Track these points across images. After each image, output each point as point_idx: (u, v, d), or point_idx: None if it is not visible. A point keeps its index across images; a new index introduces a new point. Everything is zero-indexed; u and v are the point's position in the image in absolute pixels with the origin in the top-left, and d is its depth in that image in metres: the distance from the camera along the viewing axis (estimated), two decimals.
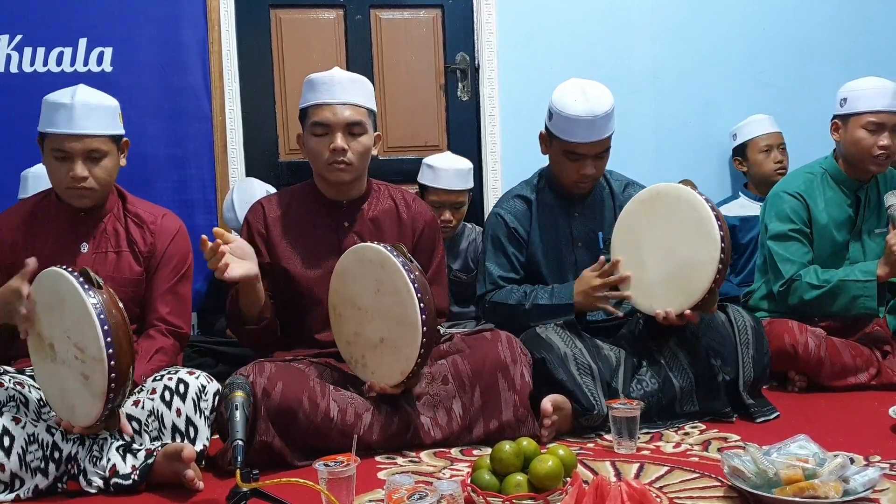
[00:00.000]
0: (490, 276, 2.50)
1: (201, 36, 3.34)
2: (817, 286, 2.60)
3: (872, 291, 2.54)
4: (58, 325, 1.80)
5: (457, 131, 3.73)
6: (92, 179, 2.05)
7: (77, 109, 2.02)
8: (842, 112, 2.73)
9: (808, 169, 2.82)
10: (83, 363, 1.75)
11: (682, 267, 2.19)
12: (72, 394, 1.80)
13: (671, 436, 2.17)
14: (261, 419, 1.93)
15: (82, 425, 1.81)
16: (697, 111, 3.81)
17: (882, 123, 2.64)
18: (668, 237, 2.22)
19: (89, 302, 1.72)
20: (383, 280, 2.01)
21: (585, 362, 2.22)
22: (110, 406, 1.76)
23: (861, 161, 2.69)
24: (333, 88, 2.22)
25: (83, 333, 1.73)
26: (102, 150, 2.06)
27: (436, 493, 1.50)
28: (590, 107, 2.35)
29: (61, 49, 3.22)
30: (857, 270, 2.58)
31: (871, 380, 2.58)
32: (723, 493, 1.71)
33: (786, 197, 2.74)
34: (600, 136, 2.37)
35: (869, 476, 1.61)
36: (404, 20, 3.69)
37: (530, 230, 2.51)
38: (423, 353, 1.97)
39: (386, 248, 2.01)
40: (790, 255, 2.68)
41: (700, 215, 2.16)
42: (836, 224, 2.73)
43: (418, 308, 1.94)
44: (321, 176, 2.29)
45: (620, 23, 3.75)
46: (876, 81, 2.71)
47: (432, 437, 2.08)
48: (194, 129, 3.35)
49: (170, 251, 2.20)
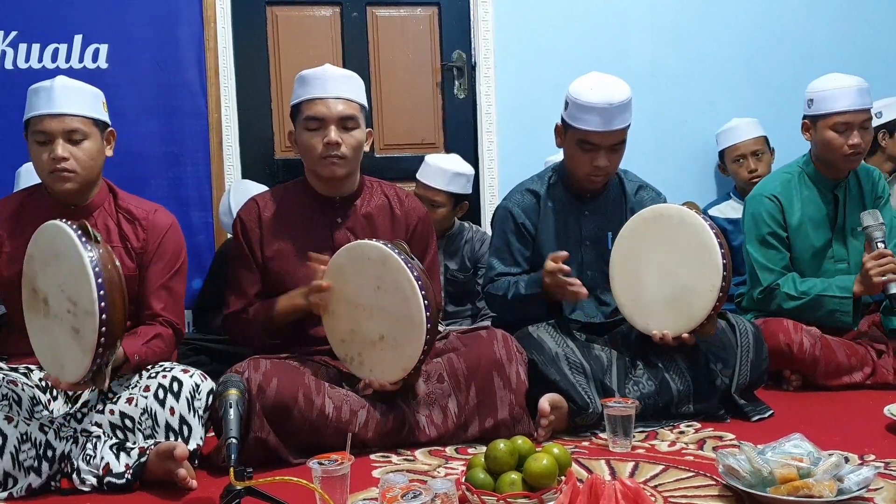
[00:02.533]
0: (491, 270, 2.51)
1: (197, 33, 3.33)
2: (795, 297, 2.64)
3: (848, 307, 2.58)
4: (53, 278, 1.80)
5: (453, 129, 3.72)
6: (73, 161, 2.04)
7: (56, 90, 2.04)
8: (810, 113, 2.74)
9: (787, 169, 2.84)
10: (74, 316, 1.75)
11: (682, 291, 2.20)
12: (62, 349, 1.80)
13: (666, 434, 2.17)
14: (255, 416, 1.92)
15: (70, 381, 1.80)
16: (696, 111, 3.81)
17: (849, 122, 2.65)
18: (669, 259, 2.22)
19: (85, 255, 1.72)
20: (384, 277, 2.00)
21: (577, 361, 2.22)
22: (98, 361, 1.75)
23: (834, 161, 2.71)
24: (326, 83, 2.22)
25: (77, 286, 1.73)
26: (83, 130, 2.05)
27: (430, 492, 1.50)
28: (605, 95, 2.34)
29: (56, 45, 3.21)
30: (835, 286, 2.61)
31: (866, 379, 2.59)
32: (718, 491, 1.71)
33: (762, 200, 2.76)
34: (614, 126, 2.36)
35: (863, 475, 1.61)
36: (401, 18, 3.68)
37: (538, 224, 2.50)
38: (426, 349, 1.98)
39: (387, 246, 2.01)
40: (768, 261, 2.71)
41: (704, 242, 2.16)
42: (814, 224, 2.74)
43: (423, 305, 1.94)
44: (314, 171, 2.28)
45: (618, 22, 3.74)
46: (840, 80, 2.70)
47: (427, 435, 2.08)
48: (190, 126, 3.34)
49: (163, 247, 2.18)
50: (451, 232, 3.24)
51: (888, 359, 2.63)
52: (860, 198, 2.78)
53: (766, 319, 2.65)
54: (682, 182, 3.73)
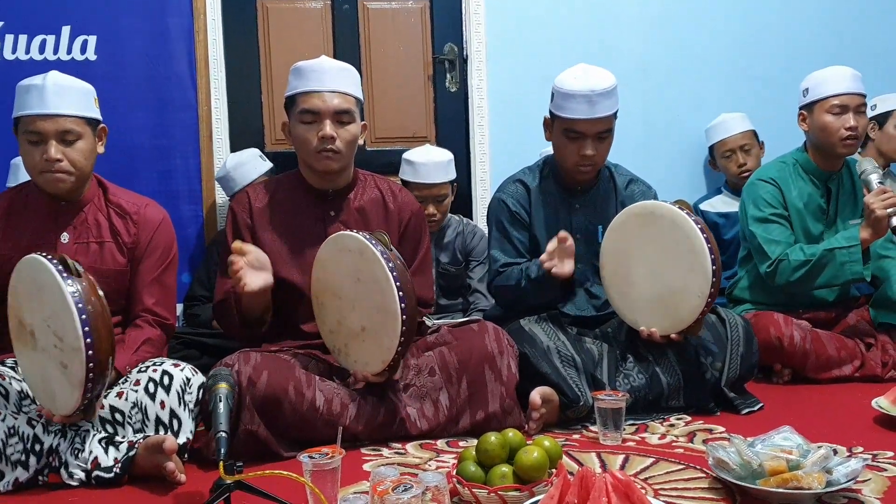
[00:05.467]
0: (495, 263, 2.49)
1: (187, 25, 3.31)
2: (804, 262, 2.61)
3: (858, 256, 2.55)
4: (38, 312, 1.78)
5: (445, 122, 3.71)
6: (67, 162, 2.02)
7: (48, 89, 2.00)
8: (806, 101, 2.77)
9: (781, 159, 2.86)
10: (62, 352, 1.73)
11: (669, 293, 2.20)
12: (52, 382, 1.78)
13: (656, 427, 2.17)
14: (245, 408, 1.92)
15: (62, 414, 1.79)
16: (686, 105, 3.80)
17: (846, 105, 2.68)
18: (659, 259, 2.22)
19: (67, 290, 1.70)
20: (362, 269, 2.00)
21: (569, 354, 2.23)
22: (89, 396, 1.74)
23: (830, 146, 2.71)
24: (322, 76, 2.21)
25: (61, 322, 1.72)
26: (76, 130, 2.02)
27: (421, 485, 1.49)
28: (588, 83, 2.35)
29: (44, 37, 3.18)
30: (841, 238, 2.61)
31: (855, 372, 2.60)
32: (707, 484, 1.72)
33: (761, 184, 2.78)
34: (599, 113, 2.36)
35: (852, 467, 1.62)
36: (392, 10, 3.67)
37: (531, 213, 2.50)
38: (403, 341, 1.97)
39: (364, 237, 2.00)
40: (774, 236, 2.70)
41: (695, 247, 2.15)
42: (809, 212, 2.76)
43: (397, 297, 1.94)
44: (308, 164, 2.27)
45: (609, 15, 3.74)
46: (835, 68, 2.75)
47: (419, 429, 2.08)
48: (179, 118, 3.31)
49: (154, 241, 2.17)
50: (441, 224, 3.23)
51: (877, 352, 2.65)
52: (852, 191, 2.79)
53: (757, 313, 2.66)
54: (673, 176, 3.73)
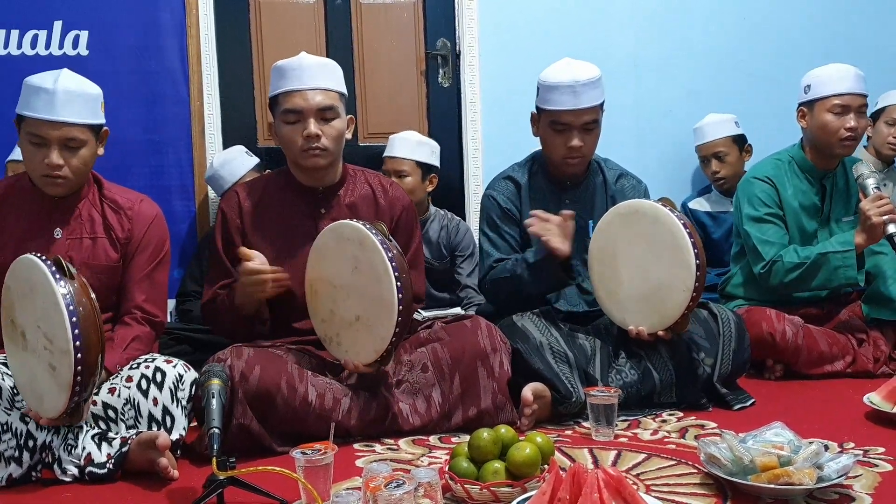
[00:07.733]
0: (488, 259, 2.49)
1: (179, 19, 3.29)
2: (798, 264, 2.61)
3: (852, 261, 2.55)
4: (30, 313, 1.77)
5: (437, 118, 3.71)
6: (67, 169, 2.01)
7: (58, 95, 1.97)
8: (807, 98, 2.75)
9: (776, 156, 2.85)
10: (51, 354, 1.72)
11: (656, 289, 2.20)
12: (41, 384, 1.77)
13: (649, 423, 2.18)
14: (238, 403, 1.92)
15: (49, 417, 1.78)
16: (679, 100, 3.81)
17: (847, 105, 2.67)
18: (644, 256, 2.22)
19: (59, 292, 1.68)
20: (361, 258, 2.00)
21: (561, 350, 2.23)
22: (76, 399, 1.72)
23: (829, 145, 2.71)
24: (303, 74, 2.20)
25: (52, 324, 1.70)
26: (80, 138, 2.01)
27: (413, 481, 1.49)
28: (572, 74, 2.37)
29: (36, 32, 3.16)
30: (835, 242, 2.61)
31: (847, 367, 2.61)
32: (699, 479, 1.73)
33: (756, 182, 2.77)
34: (583, 103, 2.36)
35: (843, 463, 1.62)
36: (385, 5, 3.66)
37: (522, 210, 2.50)
38: (397, 332, 1.97)
39: (365, 226, 2.00)
40: (769, 237, 2.70)
41: (677, 242, 2.16)
42: (804, 211, 2.76)
43: (395, 287, 1.94)
44: (296, 163, 2.27)
45: (601, 10, 3.74)
46: (839, 67, 2.74)
47: (411, 424, 2.08)
48: (171, 113, 3.31)
49: (147, 237, 2.17)
50: (423, 218, 3.23)
51: (868, 347, 2.66)
52: (847, 189, 2.80)
53: (749, 308, 2.67)
54: (665, 172, 3.74)
